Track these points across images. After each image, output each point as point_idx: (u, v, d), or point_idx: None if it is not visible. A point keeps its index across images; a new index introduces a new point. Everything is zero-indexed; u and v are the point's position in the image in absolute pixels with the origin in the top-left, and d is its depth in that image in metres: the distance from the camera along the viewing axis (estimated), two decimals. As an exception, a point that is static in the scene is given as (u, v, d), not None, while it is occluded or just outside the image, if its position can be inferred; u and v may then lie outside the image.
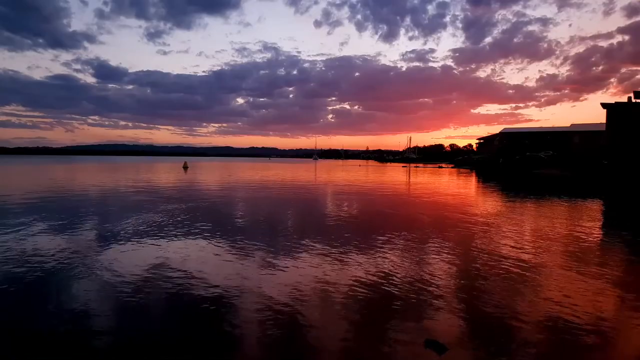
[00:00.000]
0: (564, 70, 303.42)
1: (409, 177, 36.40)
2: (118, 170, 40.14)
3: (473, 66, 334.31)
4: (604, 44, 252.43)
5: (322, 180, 29.14)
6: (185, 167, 47.91)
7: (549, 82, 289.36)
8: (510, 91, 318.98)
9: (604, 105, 42.41)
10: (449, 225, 10.10)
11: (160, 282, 5.28)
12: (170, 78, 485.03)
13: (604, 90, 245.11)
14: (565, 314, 4.36)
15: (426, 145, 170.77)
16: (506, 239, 8.31)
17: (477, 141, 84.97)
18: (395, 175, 40.05)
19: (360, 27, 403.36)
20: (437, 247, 7.54)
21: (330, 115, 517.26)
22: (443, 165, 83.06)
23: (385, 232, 8.91)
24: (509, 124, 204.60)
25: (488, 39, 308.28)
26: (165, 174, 34.21)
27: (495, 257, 6.75)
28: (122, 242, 7.57)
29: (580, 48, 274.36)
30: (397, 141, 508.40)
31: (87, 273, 5.63)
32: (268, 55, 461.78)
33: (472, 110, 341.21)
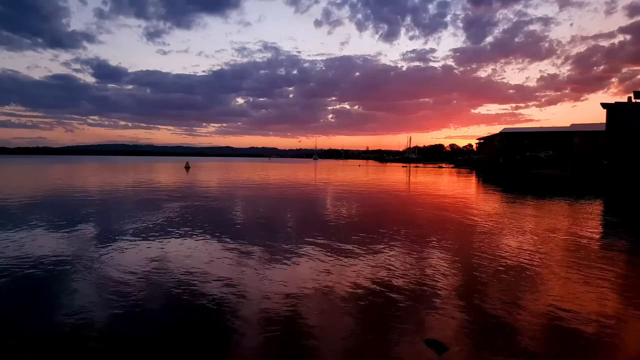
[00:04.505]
0: (565, 70, 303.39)
1: (409, 177, 36.42)
2: (119, 171, 40.16)
3: (474, 66, 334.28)
4: (605, 43, 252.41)
5: (323, 181, 29.17)
6: (187, 167, 47.86)
7: (549, 82, 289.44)
8: (511, 91, 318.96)
9: (604, 105, 42.39)
10: (449, 225, 10.13)
11: (162, 282, 5.32)
12: (170, 78, 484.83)
13: (605, 90, 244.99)
14: (566, 313, 4.39)
15: (426, 145, 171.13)
16: (506, 239, 8.34)
17: (477, 141, 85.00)
18: (395, 175, 40.06)
19: (360, 26, 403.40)
20: (437, 246, 7.57)
21: (330, 115, 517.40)
22: (443, 165, 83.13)
23: (385, 232, 8.94)
24: (509, 124, 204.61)
25: (489, 39, 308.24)
26: (168, 174, 34.23)
27: (496, 257, 6.78)
28: (127, 241, 7.60)
29: (581, 48, 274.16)
30: (397, 141, 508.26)
31: (90, 272, 5.66)
32: (268, 55, 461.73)
33: (472, 110, 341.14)
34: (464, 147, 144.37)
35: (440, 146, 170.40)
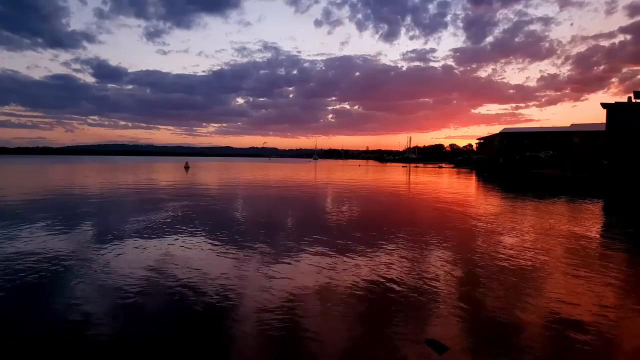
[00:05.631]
0: (565, 70, 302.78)
1: (409, 177, 36.42)
2: (119, 171, 40.14)
3: (474, 66, 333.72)
4: (605, 43, 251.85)
5: (323, 181, 29.17)
6: (186, 167, 47.83)
7: (549, 82, 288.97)
8: (511, 91, 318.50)
9: (604, 105, 42.39)
10: (449, 224, 10.13)
11: (162, 281, 5.31)
12: (170, 78, 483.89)
13: (605, 90, 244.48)
14: (566, 314, 4.39)
15: (426, 145, 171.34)
16: (506, 240, 8.34)
17: (477, 141, 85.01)
18: (395, 175, 40.07)
19: (360, 26, 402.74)
20: (437, 246, 7.57)
21: (330, 115, 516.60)
22: (443, 165, 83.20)
23: (385, 232, 8.94)
24: (509, 124, 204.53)
25: (489, 39, 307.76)
26: (167, 174, 34.23)
27: (496, 257, 6.78)
28: (127, 240, 7.59)
29: (581, 48, 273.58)
30: (397, 141, 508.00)
31: (90, 271, 5.65)
32: (268, 54, 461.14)
33: (472, 110, 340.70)
34: (464, 147, 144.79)
35: (440, 146, 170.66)
